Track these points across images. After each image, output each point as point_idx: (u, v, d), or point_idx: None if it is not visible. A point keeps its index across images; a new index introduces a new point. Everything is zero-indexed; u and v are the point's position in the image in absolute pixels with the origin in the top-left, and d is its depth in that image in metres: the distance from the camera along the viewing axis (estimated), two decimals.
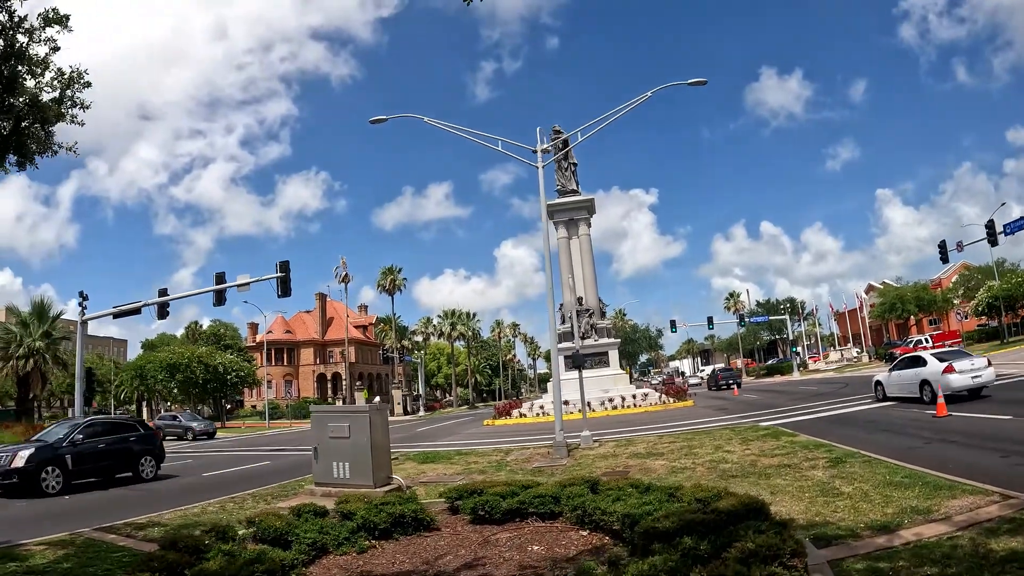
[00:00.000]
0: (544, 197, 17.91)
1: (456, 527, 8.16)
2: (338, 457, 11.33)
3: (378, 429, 11.41)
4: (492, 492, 8.35)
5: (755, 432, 16.33)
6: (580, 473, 12.48)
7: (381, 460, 11.39)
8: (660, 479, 10.75)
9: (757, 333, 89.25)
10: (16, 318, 35.71)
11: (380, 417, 11.80)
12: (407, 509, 8.00)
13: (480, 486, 8.93)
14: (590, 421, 30.85)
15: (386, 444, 11.85)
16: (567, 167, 42.19)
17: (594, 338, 40.44)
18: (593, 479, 8.82)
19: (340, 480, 11.22)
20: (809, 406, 23.60)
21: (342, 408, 12.79)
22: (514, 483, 9.07)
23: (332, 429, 11.46)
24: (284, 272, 25.52)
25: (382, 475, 11.32)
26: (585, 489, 8.14)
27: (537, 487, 8.65)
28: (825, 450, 11.82)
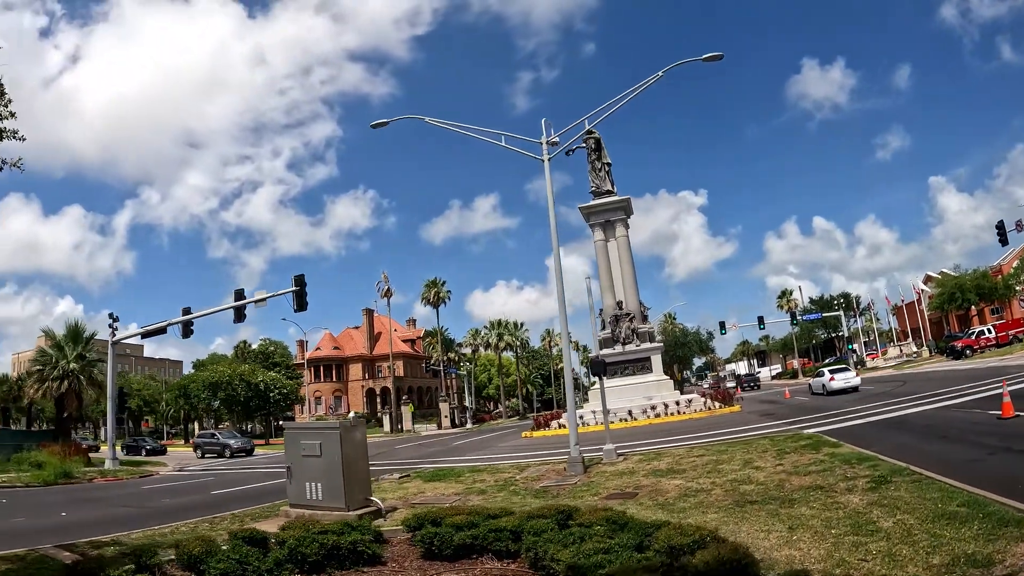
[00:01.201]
0: (551, 191, 16.36)
1: (403, 562, 7.02)
2: (311, 477, 10.57)
3: (352, 448, 10.53)
4: (449, 523, 7.23)
5: (795, 442, 14.32)
6: (582, 495, 10.93)
7: (355, 481, 10.49)
8: (665, 505, 9.07)
9: (812, 331, 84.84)
10: (51, 341, 35.90)
11: (354, 435, 10.86)
12: (345, 540, 6.89)
13: (444, 513, 7.74)
14: (626, 431, 29.12)
15: (362, 464, 10.92)
16: (600, 167, 40.47)
17: (635, 343, 38.52)
18: (571, 508, 7.43)
19: (313, 502, 10.48)
20: (861, 408, 21.24)
21: (313, 425, 11.78)
22: (483, 511, 7.86)
23: (304, 447, 10.67)
24: (299, 286, 24.55)
25: (358, 496, 10.50)
26: (553, 523, 6.77)
27: (502, 518, 7.29)
28: (869, 465, 9.85)
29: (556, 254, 16.05)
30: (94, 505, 16.76)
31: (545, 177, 16.49)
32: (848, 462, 10.45)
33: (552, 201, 16.29)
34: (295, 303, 24.60)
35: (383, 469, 22.15)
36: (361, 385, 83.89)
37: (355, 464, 10.58)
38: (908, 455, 10.39)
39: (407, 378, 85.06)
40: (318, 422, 13.43)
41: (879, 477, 8.74)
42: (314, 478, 10.55)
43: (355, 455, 10.65)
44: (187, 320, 27.11)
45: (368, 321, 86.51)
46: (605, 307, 39.84)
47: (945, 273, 67.46)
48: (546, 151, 16.58)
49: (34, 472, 24.88)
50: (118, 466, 30.09)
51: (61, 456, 28.44)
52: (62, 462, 26.87)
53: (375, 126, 18.89)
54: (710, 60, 16.01)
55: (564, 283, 15.96)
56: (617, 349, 38.43)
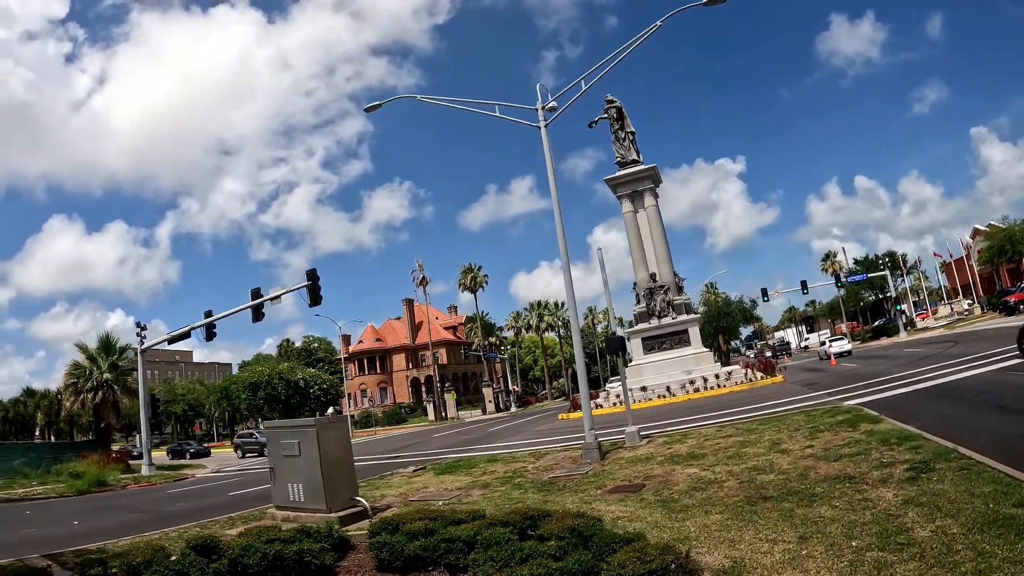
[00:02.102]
0: (550, 158, 15.00)
1: (356, 574, 6.33)
2: (292, 478, 10.03)
3: (332, 446, 9.87)
4: (406, 530, 6.41)
5: (831, 417, 12.78)
6: (585, 488, 9.74)
7: (337, 481, 9.80)
8: (668, 501, 7.84)
9: (859, 294, 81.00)
10: (84, 353, 36.19)
11: (333, 432, 10.14)
12: (291, 549, 6.21)
13: (409, 517, 6.93)
14: (661, 409, 27.64)
15: (346, 462, 10.17)
16: (624, 137, 38.73)
17: (671, 316, 36.83)
18: (541, 513, 6.40)
19: (296, 503, 9.96)
20: (910, 375, 19.40)
21: (292, 423, 10.88)
22: (452, 514, 6.95)
23: (284, 447, 10.13)
24: (312, 280, 23.71)
25: (342, 497, 9.80)
26: (514, 532, 5.79)
27: (462, 525, 6.33)
28: (910, 447, 8.33)
29: (559, 226, 14.73)
30: (112, 513, 16.51)
31: (543, 144, 15.14)
32: (887, 442, 8.94)
33: (551, 169, 14.98)
34: (309, 298, 23.81)
35: (405, 461, 21.36)
36: (405, 375, 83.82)
37: (336, 463, 9.87)
38: (957, 432, 8.83)
39: (450, 365, 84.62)
40: (296, 420, 12.60)
41: (920, 463, 7.25)
42: (295, 479, 9.99)
43: (336, 453, 9.95)
44: (209, 323, 26.67)
45: (408, 311, 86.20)
46: (638, 280, 38.24)
47: (993, 225, 63.35)
48: (542, 117, 15.23)
49: (69, 482, 24.87)
50: (154, 471, 29.99)
51: (99, 465, 28.61)
52: (100, 471, 26.98)
53: (368, 109, 18.14)
54: (712, 3, 14.41)
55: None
56: (653, 323, 36.85)
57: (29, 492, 23.78)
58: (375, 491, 13.76)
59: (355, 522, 9.42)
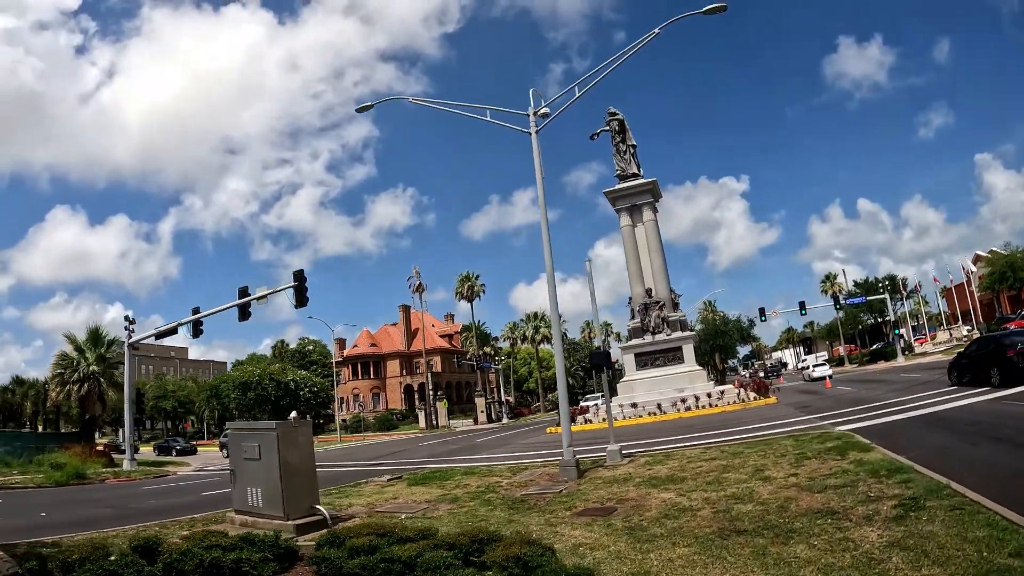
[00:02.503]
0: (539, 165, 14.49)
1: None
2: (252, 482, 9.62)
3: (293, 451, 9.40)
4: (351, 544, 6.07)
5: (820, 443, 12.18)
6: (554, 508, 9.13)
7: (297, 488, 9.34)
8: (637, 529, 7.27)
9: (857, 316, 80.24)
10: (73, 344, 35.65)
11: (295, 437, 9.61)
12: (229, 558, 5.90)
13: (358, 531, 6.61)
14: (649, 427, 27.00)
15: (307, 468, 9.72)
16: (625, 150, 38.28)
17: (666, 332, 36.26)
18: (490, 537, 5.99)
19: (254, 508, 9.55)
20: (905, 400, 18.81)
21: (253, 425, 10.35)
22: (403, 531, 6.65)
23: (245, 449, 9.70)
24: (299, 281, 23.18)
25: (301, 504, 9.36)
26: (458, 556, 5.38)
27: (407, 544, 5.91)
28: (900, 480, 7.74)
29: (545, 232, 14.19)
30: (82, 506, 16.10)
31: (533, 150, 14.63)
32: (875, 474, 8.34)
33: (540, 176, 14.46)
34: (295, 299, 23.28)
35: (384, 469, 20.76)
36: (399, 381, 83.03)
37: (296, 469, 9.41)
38: (950, 464, 8.26)
39: (445, 373, 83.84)
40: (257, 422, 12.05)
41: (910, 500, 6.66)
42: (254, 483, 9.56)
43: (297, 460, 9.48)
44: (196, 320, 26.13)
45: (405, 317, 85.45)
46: (634, 295, 37.69)
47: (995, 252, 62.73)
48: (533, 123, 14.75)
49: (49, 473, 24.40)
50: (135, 467, 29.37)
51: (81, 458, 28.19)
52: (81, 463, 26.49)
53: (360, 109, 17.92)
54: (711, 12, 13.97)
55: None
56: (647, 339, 36.28)
57: (7, 481, 23.43)
58: (344, 499, 13.28)
59: (314, 531, 8.94)
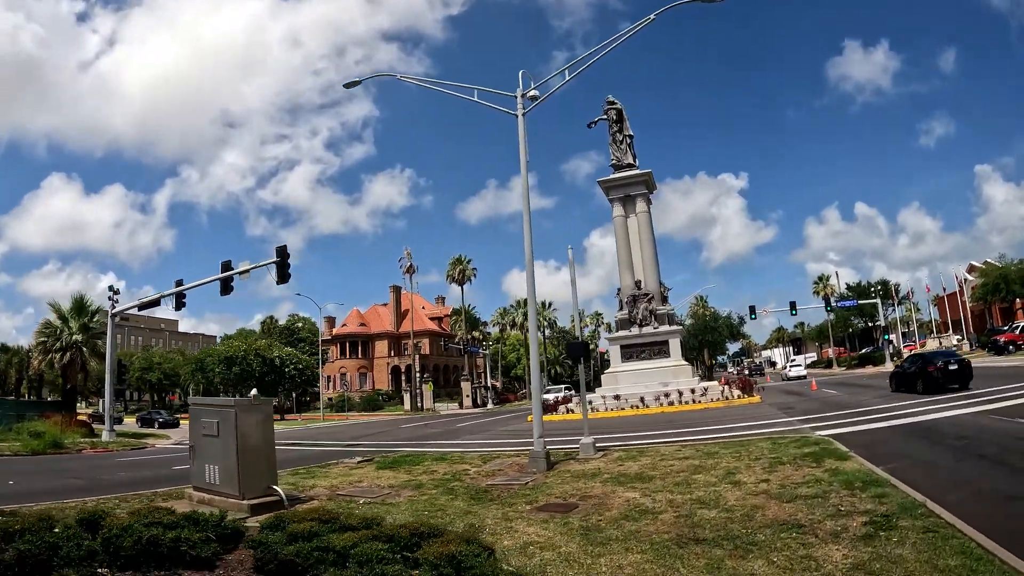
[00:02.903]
0: (524, 147, 14.04)
1: (232, 572, 5.58)
2: (210, 459, 9.44)
3: (251, 429, 9.21)
4: (291, 530, 5.81)
5: (797, 448, 11.79)
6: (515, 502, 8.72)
7: (254, 467, 9.14)
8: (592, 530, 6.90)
9: (848, 320, 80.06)
10: (57, 313, 35.05)
11: (254, 416, 9.41)
12: (168, 536, 5.59)
13: (302, 516, 6.35)
14: (631, 420, 26.63)
15: (265, 448, 9.53)
16: (622, 140, 37.63)
17: (653, 325, 35.77)
18: (432, 529, 5.80)
19: (212, 486, 9.38)
20: (890, 408, 18.43)
21: (213, 401, 9.99)
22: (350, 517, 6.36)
23: (204, 426, 9.53)
24: (281, 257, 22.64)
25: (259, 484, 9.15)
26: (391, 550, 5.12)
27: (346, 534, 5.58)
28: (875, 494, 7.31)
29: (527, 219, 13.80)
30: (52, 476, 15.85)
31: (519, 132, 14.15)
32: (849, 485, 7.93)
33: (525, 158, 14.06)
34: (277, 275, 22.75)
35: (358, 450, 20.39)
36: (387, 362, 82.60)
37: (254, 448, 9.21)
38: (929, 480, 7.87)
39: (433, 356, 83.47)
40: (217, 399, 11.71)
41: (882, 518, 6.23)
42: (212, 460, 9.38)
43: (255, 438, 9.28)
44: (179, 292, 25.64)
45: (395, 298, 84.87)
46: (623, 286, 37.23)
47: (990, 263, 62.38)
48: (521, 105, 14.29)
49: (26, 441, 24.10)
50: (114, 438, 28.91)
51: (61, 427, 27.94)
52: (60, 433, 26.27)
53: (348, 85, 17.73)
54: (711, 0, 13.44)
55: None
56: (633, 331, 35.82)
57: None
58: (310, 480, 12.99)
59: (269, 512, 8.62)
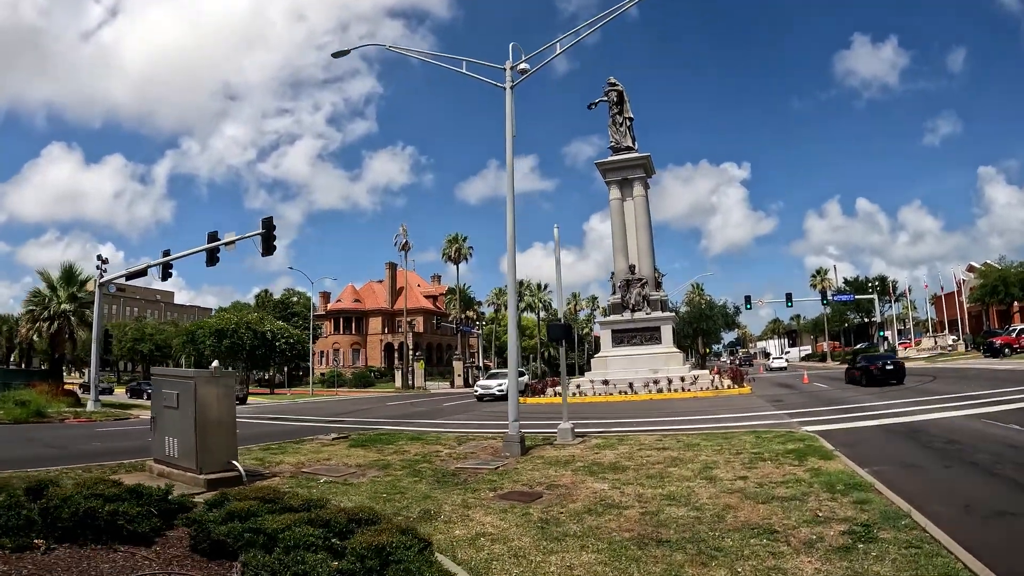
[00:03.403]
0: (511, 122, 13.37)
1: (169, 549, 5.24)
2: (170, 431, 9.27)
3: (211, 402, 8.96)
4: (229, 508, 5.50)
5: (781, 444, 11.27)
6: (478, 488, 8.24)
7: (213, 441, 8.92)
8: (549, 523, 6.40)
9: (844, 314, 79.47)
10: (46, 281, 34.50)
11: (214, 388, 9.10)
12: (105, 509, 5.33)
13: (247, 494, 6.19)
14: (617, 407, 26.14)
15: (226, 421, 9.29)
16: (622, 122, 36.94)
17: (646, 311, 35.27)
18: (371, 516, 5.50)
19: (170, 459, 9.22)
20: (881, 405, 17.93)
21: (174, 372, 9.58)
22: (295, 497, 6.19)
23: (165, 397, 9.32)
24: (267, 229, 22.01)
25: (218, 458, 8.94)
26: (321, 536, 4.83)
27: (283, 515, 5.26)
28: (856, 499, 6.77)
29: (510, 195, 13.14)
30: (25, 445, 15.42)
31: (507, 106, 13.49)
32: (831, 488, 7.40)
33: (511, 132, 13.39)
34: (262, 247, 22.14)
35: (335, 427, 19.95)
36: (380, 339, 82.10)
37: (214, 422, 8.96)
38: (916, 487, 7.35)
39: (427, 334, 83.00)
40: (179, 370, 11.18)
41: (862, 527, 5.69)
42: (172, 432, 9.19)
43: (215, 412, 9.02)
44: (166, 262, 25.10)
45: (391, 274, 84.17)
46: (617, 271, 36.68)
47: (989, 265, 61.72)
48: (509, 78, 13.66)
49: (9, 409, 23.67)
50: (99, 408, 28.47)
51: (47, 396, 27.52)
52: (46, 402, 25.89)
53: (336, 55, 16.81)
54: None
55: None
56: (625, 316, 35.33)
57: None
58: (277, 456, 12.55)
59: (227, 487, 8.34)
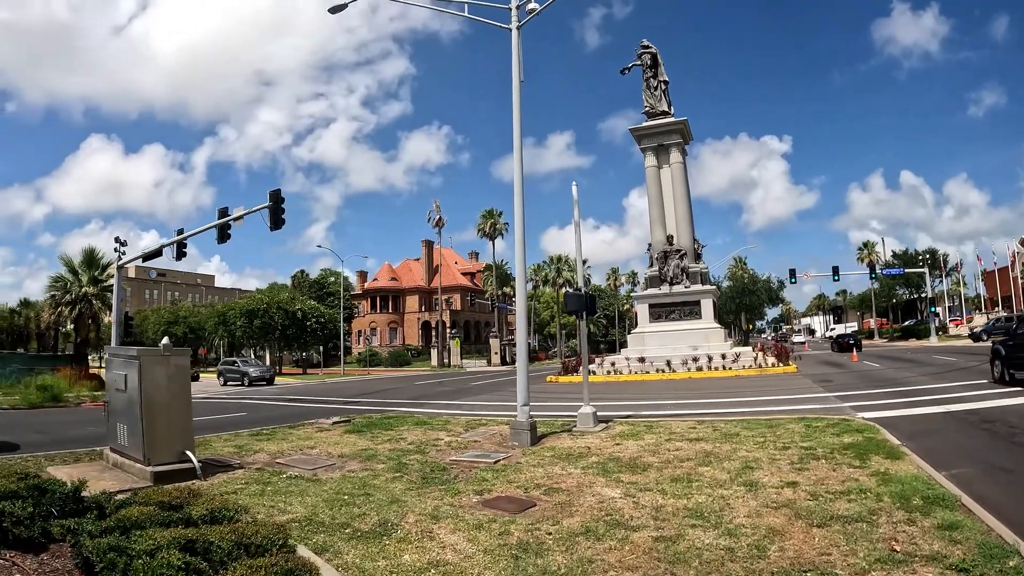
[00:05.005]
0: (518, 67, 11.64)
1: (55, 560, 4.49)
2: (120, 417, 8.32)
3: (160, 384, 7.84)
4: (119, 516, 4.73)
5: (836, 436, 9.45)
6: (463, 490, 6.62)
7: (162, 428, 7.80)
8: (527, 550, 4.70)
9: (893, 289, 75.36)
10: (68, 266, 34.34)
11: (164, 367, 7.95)
12: None
13: (150, 499, 5.50)
14: (654, 385, 24.37)
15: (179, 406, 8.13)
16: (656, 86, 34.73)
17: (685, 284, 33.25)
18: (263, 540, 4.38)
19: (123, 448, 8.28)
20: (940, 388, 15.86)
21: (124, 350, 8.23)
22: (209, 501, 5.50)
23: (115, 378, 8.41)
24: (275, 202, 20.70)
25: (167, 448, 7.83)
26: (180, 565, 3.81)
27: (168, 530, 4.45)
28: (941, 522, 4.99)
29: (518, 149, 11.49)
30: (19, 430, 14.81)
31: (513, 48, 11.78)
32: (906, 502, 5.65)
33: (518, 79, 11.66)
34: (270, 221, 20.85)
35: (348, 409, 18.83)
36: (417, 317, 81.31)
37: (163, 406, 7.85)
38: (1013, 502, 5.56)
39: (464, 311, 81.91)
40: (128, 347, 9.86)
41: (958, 570, 4.00)
42: (122, 418, 8.25)
43: (165, 394, 7.92)
44: (180, 240, 24.13)
45: (427, 252, 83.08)
46: (653, 242, 34.67)
47: None
48: (515, 16, 11.92)
49: (25, 394, 23.56)
50: None
51: (70, 380, 27.39)
52: (69, 386, 25.77)
53: (332, 11, 15.25)
54: None
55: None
56: (663, 290, 33.34)
57: None
58: (260, 443, 11.35)
59: (177, 481, 7.42)
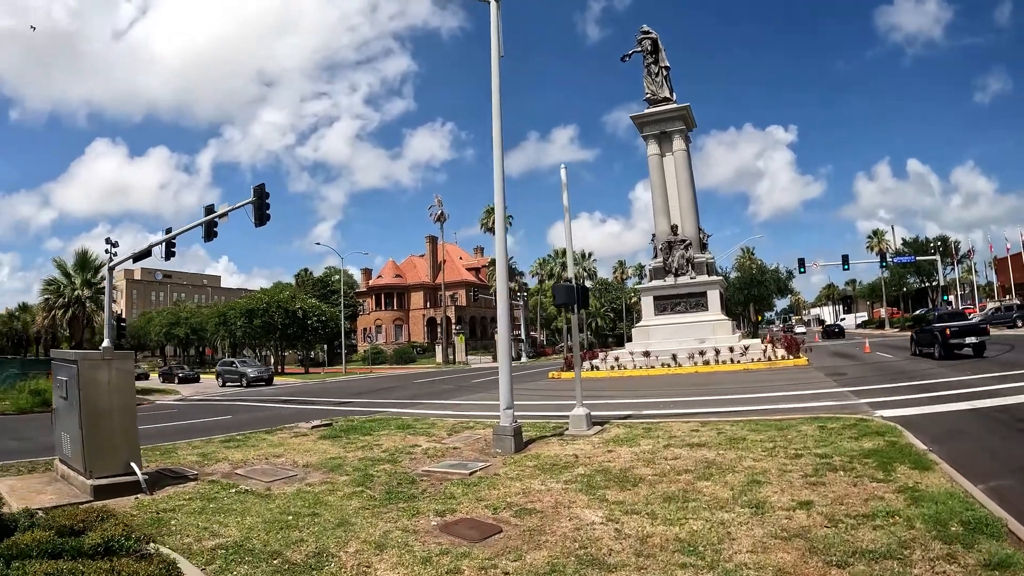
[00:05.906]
0: (497, 41, 10.60)
1: None
2: (64, 426, 7.91)
3: (102, 390, 7.29)
4: (11, 542, 4.23)
5: (854, 440, 8.38)
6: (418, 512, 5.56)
7: (105, 438, 7.28)
8: None
9: (903, 278, 73.66)
10: (61, 269, 33.72)
11: (105, 373, 7.34)
12: None
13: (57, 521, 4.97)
14: (657, 381, 23.25)
15: (123, 414, 7.54)
16: (657, 72, 33.48)
17: (690, 275, 31.98)
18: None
19: (67, 458, 7.91)
20: (961, 381, 14.64)
21: (65, 355, 7.43)
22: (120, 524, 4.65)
23: (58, 385, 8.00)
24: (259, 198, 19.80)
25: (112, 459, 7.31)
26: None
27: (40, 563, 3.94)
28: (988, 557, 3.94)
29: (498, 130, 10.45)
30: None
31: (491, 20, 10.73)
32: (942, 530, 4.59)
33: (498, 54, 10.62)
34: (254, 217, 19.96)
35: (328, 412, 17.98)
36: (422, 314, 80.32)
37: (106, 414, 7.31)
38: None
39: (470, 307, 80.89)
40: (68, 351, 8.94)
41: None
42: (65, 427, 7.80)
43: (106, 402, 7.35)
44: (168, 239, 23.42)
45: (431, 248, 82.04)
46: (658, 232, 33.46)
47: None
48: None
49: (15, 399, 23.38)
50: None
51: None
52: None
53: None
54: None
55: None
56: (668, 281, 32.13)
57: None
58: (227, 451, 10.55)
59: (124, 495, 7.12)
